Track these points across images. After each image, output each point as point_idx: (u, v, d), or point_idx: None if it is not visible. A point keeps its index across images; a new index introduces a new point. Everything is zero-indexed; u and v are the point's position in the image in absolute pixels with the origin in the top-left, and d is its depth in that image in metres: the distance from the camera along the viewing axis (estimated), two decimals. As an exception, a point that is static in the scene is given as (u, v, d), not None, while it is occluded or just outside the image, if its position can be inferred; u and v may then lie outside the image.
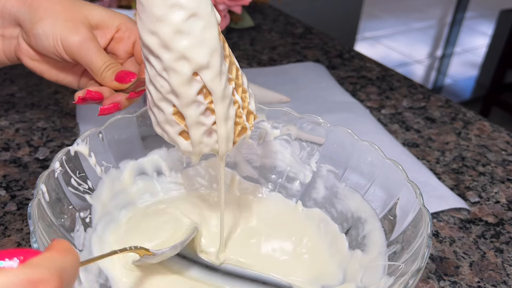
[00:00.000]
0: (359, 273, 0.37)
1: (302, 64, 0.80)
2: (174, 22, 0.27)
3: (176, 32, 0.27)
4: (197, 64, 0.29)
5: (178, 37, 0.28)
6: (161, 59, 0.28)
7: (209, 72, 0.29)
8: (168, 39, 0.28)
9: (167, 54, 0.28)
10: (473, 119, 0.68)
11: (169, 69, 0.29)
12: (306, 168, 0.45)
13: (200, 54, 0.28)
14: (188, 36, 0.28)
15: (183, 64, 0.28)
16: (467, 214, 0.51)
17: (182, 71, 0.29)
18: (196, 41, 0.28)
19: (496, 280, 0.43)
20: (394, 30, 3.08)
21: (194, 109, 0.30)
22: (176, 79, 0.29)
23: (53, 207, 0.34)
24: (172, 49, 0.28)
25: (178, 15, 0.27)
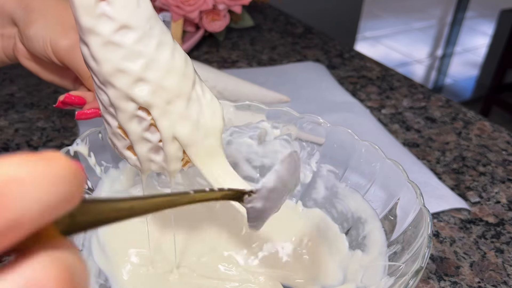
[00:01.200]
0: (359, 273, 0.37)
1: (302, 64, 0.80)
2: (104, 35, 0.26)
3: (105, 44, 0.26)
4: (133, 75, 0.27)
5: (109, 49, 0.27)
6: (96, 74, 0.27)
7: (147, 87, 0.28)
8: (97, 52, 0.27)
9: (99, 66, 0.27)
10: (474, 119, 0.68)
11: (106, 82, 0.27)
12: (306, 168, 0.44)
13: (135, 67, 0.27)
14: (120, 48, 0.27)
15: (119, 78, 0.27)
16: (468, 214, 0.50)
17: (119, 85, 0.27)
18: (129, 52, 0.27)
19: (496, 281, 0.43)
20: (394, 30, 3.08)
21: (135, 124, 0.29)
22: (113, 93, 0.28)
23: (52, 207, 0.34)
24: (100, 62, 0.27)
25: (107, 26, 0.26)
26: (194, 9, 0.80)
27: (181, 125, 0.29)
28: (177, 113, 0.29)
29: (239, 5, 0.84)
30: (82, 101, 0.40)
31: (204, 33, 0.84)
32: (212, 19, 0.83)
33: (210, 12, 0.82)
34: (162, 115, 0.28)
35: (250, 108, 0.44)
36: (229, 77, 0.64)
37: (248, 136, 0.45)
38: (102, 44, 0.26)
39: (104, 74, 0.27)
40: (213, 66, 0.77)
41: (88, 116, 0.39)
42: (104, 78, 0.27)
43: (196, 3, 0.79)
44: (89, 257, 0.37)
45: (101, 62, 0.27)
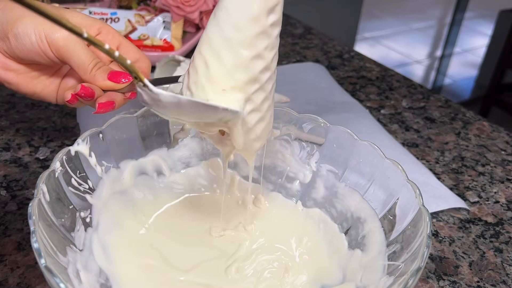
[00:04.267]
0: (359, 273, 0.37)
1: (302, 64, 0.80)
2: (264, 25, 0.30)
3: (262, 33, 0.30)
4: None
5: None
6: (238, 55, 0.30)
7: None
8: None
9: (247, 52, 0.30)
10: (473, 119, 0.68)
11: (242, 66, 0.31)
12: (306, 168, 0.45)
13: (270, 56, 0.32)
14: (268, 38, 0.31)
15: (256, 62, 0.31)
16: (467, 214, 0.51)
17: (254, 69, 0.31)
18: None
19: (495, 280, 0.43)
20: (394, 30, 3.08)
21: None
22: (244, 77, 0.31)
23: (53, 207, 0.34)
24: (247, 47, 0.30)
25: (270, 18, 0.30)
26: (194, 10, 0.80)
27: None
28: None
29: (239, 6, 0.84)
30: (93, 93, 0.39)
31: (204, 33, 0.84)
32: (212, 19, 0.83)
33: (210, 12, 0.82)
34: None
35: (250, 108, 0.44)
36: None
37: (248, 136, 0.45)
38: (259, 33, 0.30)
39: (244, 59, 0.30)
40: (213, 66, 0.77)
41: (108, 108, 0.39)
42: (242, 62, 0.30)
43: (196, 3, 0.79)
44: (90, 257, 0.37)
45: (248, 47, 0.30)
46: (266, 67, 0.31)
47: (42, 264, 0.28)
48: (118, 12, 0.77)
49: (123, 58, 0.28)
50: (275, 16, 0.30)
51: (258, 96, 0.32)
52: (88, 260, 0.36)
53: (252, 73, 0.31)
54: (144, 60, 0.44)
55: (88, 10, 0.75)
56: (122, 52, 0.43)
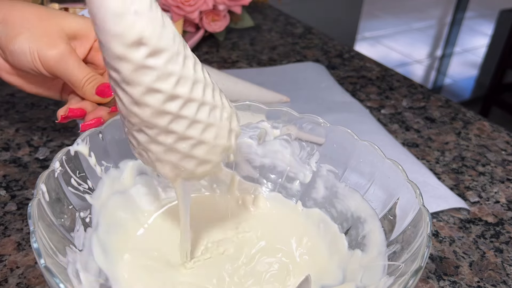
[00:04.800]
0: (359, 273, 0.37)
1: (302, 64, 0.80)
2: (136, 60, 0.26)
3: (138, 69, 0.27)
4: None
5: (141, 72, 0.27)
6: (128, 95, 0.28)
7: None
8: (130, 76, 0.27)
9: (134, 89, 0.28)
10: (473, 119, 0.68)
11: (139, 102, 0.28)
12: (306, 168, 0.45)
13: (168, 86, 0.28)
14: (152, 70, 0.27)
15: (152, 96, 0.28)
16: (467, 214, 0.51)
17: (152, 104, 0.28)
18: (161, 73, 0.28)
19: (496, 280, 0.43)
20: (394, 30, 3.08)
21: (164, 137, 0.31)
22: (146, 112, 0.29)
23: (53, 207, 0.34)
24: (133, 85, 0.28)
25: (141, 51, 0.26)
26: (194, 10, 0.80)
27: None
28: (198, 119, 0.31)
29: (239, 6, 0.84)
30: (83, 112, 0.40)
31: (204, 33, 0.84)
32: (212, 19, 0.83)
33: (210, 12, 0.82)
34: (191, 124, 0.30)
35: (250, 108, 0.44)
36: (229, 77, 0.64)
37: (248, 136, 0.45)
38: (134, 70, 0.27)
39: (136, 96, 0.28)
40: (213, 66, 0.77)
41: (92, 126, 0.39)
42: (137, 99, 0.28)
43: (196, 3, 0.79)
44: (90, 257, 0.37)
45: (134, 85, 0.27)
46: (168, 98, 0.28)
47: (42, 264, 0.28)
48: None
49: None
50: (147, 49, 0.26)
51: (177, 125, 0.30)
52: (87, 260, 0.36)
53: (152, 108, 0.28)
54: None
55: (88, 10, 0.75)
56: None
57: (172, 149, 0.31)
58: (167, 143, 0.31)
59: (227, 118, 0.33)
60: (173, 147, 0.31)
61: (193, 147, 0.32)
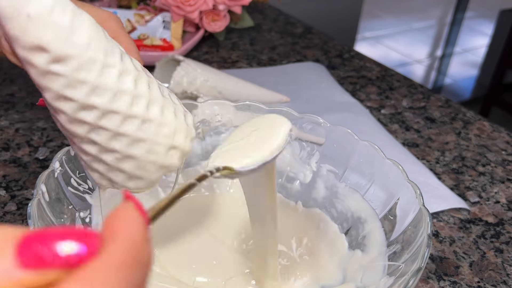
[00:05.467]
0: (359, 273, 0.37)
1: (302, 64, 0.80)
2: (40, 65, 0.26)
3: (44, 74, 0.26)
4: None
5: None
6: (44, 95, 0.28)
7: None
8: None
9: (43, 92, 0.28)
10: (473, 119, 0.68)
11: (52, 108, 0.29)
12: (306, 168, 0.45)
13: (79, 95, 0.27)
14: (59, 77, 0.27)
15: (63, 103, 0.28)
16: (467, 214, 0.51)
17: (65, 109, 0.28)
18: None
19: (496, 280, 0.43)
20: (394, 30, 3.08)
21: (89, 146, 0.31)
22: (62, 119, 0.29)
23: (53, 207, 0.34)
24: (43, 89, 0.27)
25: (43, 57, 0.26)
26: (194, 10, 0.80)
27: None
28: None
29: (239, 5, 0.84)
30: None
31: (204, 33, 0.84)
32: (212, 19, 0.83)
33: (210, 12, 0.82)
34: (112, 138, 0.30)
35: (250, 108, 0.44)
36: (229, 77, 0.64)
37: (248, 136, 0.45)
38: (40, 75, 0.26)
39: (49, 100, 0.28)
40: (213, 66, 0.77)
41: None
42: (50, 103, 0.28)
43: (196, 3, 0.79)
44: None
45: (43, 89, 0.27)
46: (81, 107, 0.28)
47: (41, 264, 0.28)
48: (118, 11, 0.77)
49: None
50: (48, 56, 0.25)
51: (98, 136, 0.29)
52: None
53: (66, 115, 0.28)
54: (115, 18, 0.40)
55: None
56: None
57: (97, 159, 0.31)
58: (91, 153, 0.30)
59: (168, 134, 0.31)
60: (98, 158, 0.31)
61: (119, 160, 0.31)
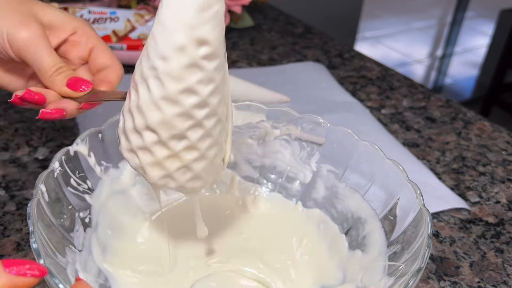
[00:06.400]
0: (359, 274, 0.37)
1: (302, 64, 0.80)
2: (194, 56, 0.27)
3: (191, 66, 0.28)
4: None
5: (192, 70, 0.28)
6: (165, 87, 0.28)
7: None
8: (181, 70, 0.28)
9: (174, 84, 0.28)
10: (473, 119, 0.68)
11: (170, 99, 0.28)
12: (306, 168, 0.44)
13: (206, 91, 0.29)
14: (201, 71, 0.28)
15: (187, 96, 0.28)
16: (467, 214, 0.51)
17: (184, 103, 0.29)
18: (207, 77, 0.28)
19: (496, 280, 0.43)
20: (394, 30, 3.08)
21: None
22: (173, 110, 0.29)
23: (52, 207, 0.34)
24: (176, 79, 0.28)
25: (202, 50, 0.27)
26: (194, 9, 0.79)
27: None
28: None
29: (239, 5, 0.84)
30: (43, 99, 0.36)
31: (204, 33, 0.84)
32: (212, 19, 0.83)
33: (210, 12, 0.82)
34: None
35: (250, 108, 0.44)
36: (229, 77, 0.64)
37: (248, 136, 0.45)
38: (186, 65, 0.27)
39: (173, 91, 0.28)
40: (213, 66, 0.77)
41: (52, 116, 0.36)
42: (171, 95, 0.28)
43: (196, 3, 0.79)
44: (89, 257, 0.37)
45: (178, 80, 0.28)
46: (201, 103, 0.29)
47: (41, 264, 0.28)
48: (118, 11, 0.77)
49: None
50: (208, 49, 0.27)
51: (193, 133, 0.30)
52: (87, 260, 0.36)
53: (182, 108, 0.29)
54: (114, 68, 0.39)
55: (88, 9, 0.75)
56: (93, 56, 0.39)
57: (176, 156, 0.31)
58: (175, 149, 0.30)
59: (225, 140, 0.34)
60: (178, 155, 0.31)
61: (195, 160, 0.31)
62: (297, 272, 0.40)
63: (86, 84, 0.37)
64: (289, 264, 0.40)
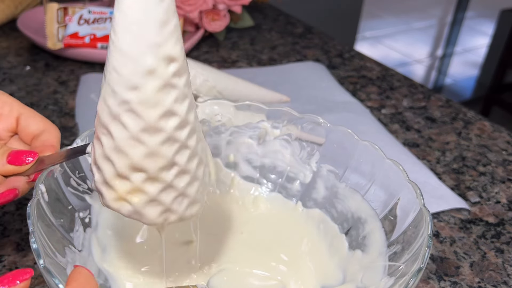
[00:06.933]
0: (359, 274, 0.37)
1: (302, 64, 0.80)
2: (165, 76, 0.26)
3: (165, 86, 0.26)
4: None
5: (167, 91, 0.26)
6: (143, 117, 0.26)
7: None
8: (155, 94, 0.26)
9: (152, 111, 0.26)
10: (474, 119, 0.68)
11: (151, 128, 0.27)
12: (306, 168, 0.44)
13: (183, 109, 0.27)
14: (175, 89, 0.27)
15: (169, 120, 0.27)
16: (468, 214, 0.50)
17: (166, 128, 0.27)
18: (181, 94, 0.27)
19: (496, 281, 0.43)
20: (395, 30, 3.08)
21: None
22: (157, 139, 0.27)
23: (52, 207, 0.34)
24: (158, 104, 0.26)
25: (171, 67, 0.26)
26: (194, 9, 0.80)
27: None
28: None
29: (239, 5, 0.84)
30: None
31: (204, 33, 0.84)
32: (212, 19, 0.83)
33: (210, 12, 0.82)
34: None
35: (250, 108, 0.44)
36: (229, 77, 0.64)
37: (248, 136, 0.45)
38: (161, 87, 0.26)
39: (153, 119, 0.26)
40: (213, 66, 0.77)
41: (5, 200, 0.33)
42: (152, 123, 0.27)
43: (196, 3, 0.79)
44: (89, 257, 0.37)
45: (154, 106, 0.26)
46: (181, 123, 0.28)
47: (41, 264, 0.28)
48: (118, 11, 0.77)
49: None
50: (176, 65, 0.26)
51: (181, 157, 0.28)
52: (87, 260, 0.36)
53: (165, 134, 0.27)
54: (51, 131, 0.36)
55: (88, 9, 0.75)
56: (23, 125, 0.36)
57: (170, 187, 0.29)
58: (168, 180, 0.29)
59: (206, 153, 0.33)
60: (172, 184, 0.29)
61: (189, 183, 0.30)
62: (297, 272, 0.40)
63: (31, 154, 0.33)
64: (289, 264, 0.40)
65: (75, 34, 0.74)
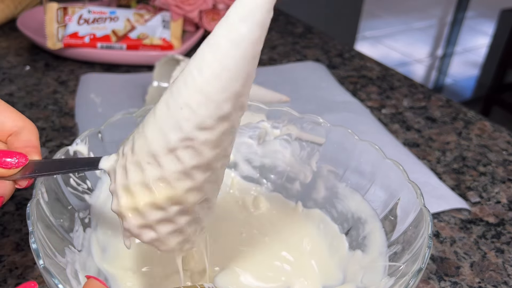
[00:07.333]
0: (359, 274, 0.37)
1: (302, 64, 0.80)
2: (235, 122, 0.28)
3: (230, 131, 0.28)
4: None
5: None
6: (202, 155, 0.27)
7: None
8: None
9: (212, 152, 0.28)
10: (474, 118, 0.68)
11: (204, 166, 0.28)
12: (306, 168, 0.44)
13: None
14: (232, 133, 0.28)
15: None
16: (468, 214, 0.50)
17: (217, 167, 0.29)
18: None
19: (497, 281, 0.43)
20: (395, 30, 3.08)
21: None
22: (205, 176, 0.28)
23: (52, 207, 0.34)
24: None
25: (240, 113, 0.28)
26: (194, 9, 0.80)
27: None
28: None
29: (239, 5, 0.84)
30: None
31: (204, 32, 0.84)
32: (212, 18, 0.83)
33: (210, 11, 0.82)
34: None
35: (250, 108, 0.44)
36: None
37: (248, 136, 0.45)
38: (226, 132, 0.27)
39: (209, 159, 0.28)
40: (213, 66, 0.77)
41: None
42: (208, 162, 0.28)
43: (195, 2, 0.79)
44: (89, 257, 0.37)
45: (215, 147, 0.27)
46: (227, 161, 0.30)
47: (41, 264, 0.28)
48: (117, 11, 0.77)
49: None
50: (244, 111, 0.28)
51: (214, 192, 0.31)
52: (86, 260, 0.36)
53: (213, 171, 0.29)
54: (31, 128, 0.32)
55: (87, 9, 0.75)
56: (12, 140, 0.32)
57: (196, 219, 0.31)
58: (196, 213, 0.30)
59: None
60: (199, 217, 0.31)
61: (206, 214, 0.32)
62: (301, 272, 0.40)
63: (18, 155, 0.30)
64: (294, 264, 0.40)
65: (75, 34, 0.74)
